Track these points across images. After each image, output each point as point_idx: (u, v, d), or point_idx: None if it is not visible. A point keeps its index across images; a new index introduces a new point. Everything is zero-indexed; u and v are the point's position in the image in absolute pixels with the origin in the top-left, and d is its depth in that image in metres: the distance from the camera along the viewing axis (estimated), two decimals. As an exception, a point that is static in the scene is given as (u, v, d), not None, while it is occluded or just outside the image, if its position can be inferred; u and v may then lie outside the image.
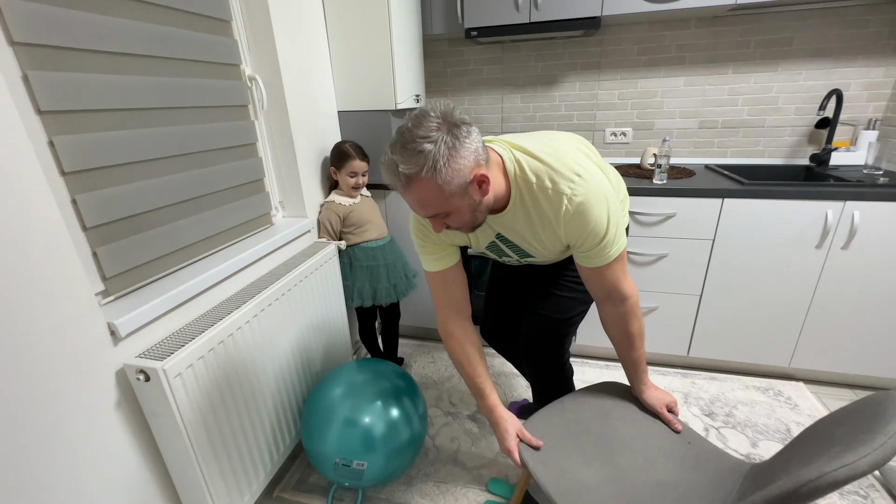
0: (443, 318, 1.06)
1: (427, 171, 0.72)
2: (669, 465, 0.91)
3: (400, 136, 0.74)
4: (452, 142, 0.73)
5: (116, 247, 0.94)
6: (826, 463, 0.53)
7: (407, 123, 0.75)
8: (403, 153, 0.73)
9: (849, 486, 1.29)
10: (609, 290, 0.95)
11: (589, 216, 0.84)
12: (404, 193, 0.78)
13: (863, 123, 1.79)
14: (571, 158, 0.85)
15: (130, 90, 0.95)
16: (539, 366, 1.21)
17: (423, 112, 0.75)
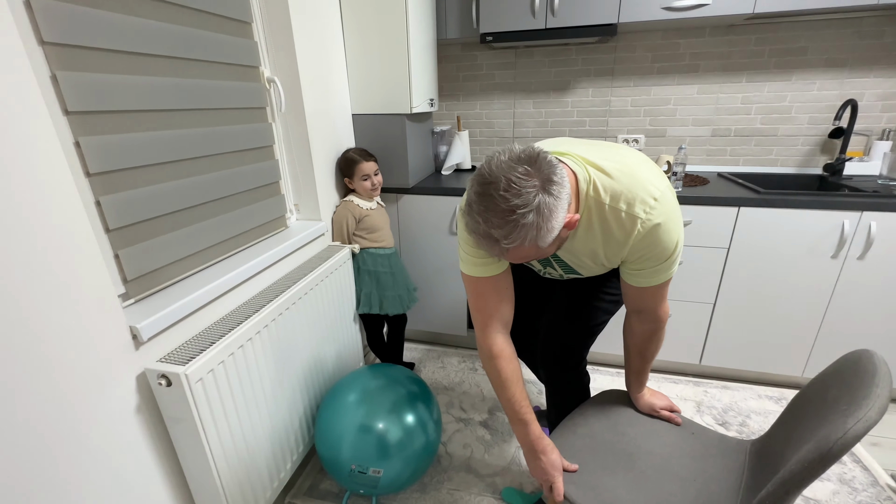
0: (490, 333, 0.94)
1: (530, 240, 0.68)
2: (683, 459, 0.94)
3: (493, 203, 0.67)
4: (551, 203, 0.67)
5: (138, 249, 0.93)
6: (843, 420, 0.56)
7: (499, 185, 0.66)
8: (504, 227, 0.67)
9: (865, 497, 1.28)
10: (646, 308, 0.95)
11: (659, 240, 0.81)
12: (500, 254, 0.74)
13: (876, 134, 1.79)
14: (647, 179, 0.80)
15: (152, 91, 0.94)
16: (560, 371, 1.20)
17: (511, 166, 0.67)
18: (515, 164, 0.67)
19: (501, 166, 0.67)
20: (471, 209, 0.71)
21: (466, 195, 0.73)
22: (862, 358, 0.68)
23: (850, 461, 1.41)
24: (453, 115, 2.21)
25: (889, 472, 1.36)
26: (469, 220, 0.71)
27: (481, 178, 0.69)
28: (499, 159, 0.69)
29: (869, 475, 1.35)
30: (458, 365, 1.97)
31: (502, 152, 0.70)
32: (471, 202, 0.70)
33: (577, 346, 1.16)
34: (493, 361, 0.94)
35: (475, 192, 0.70)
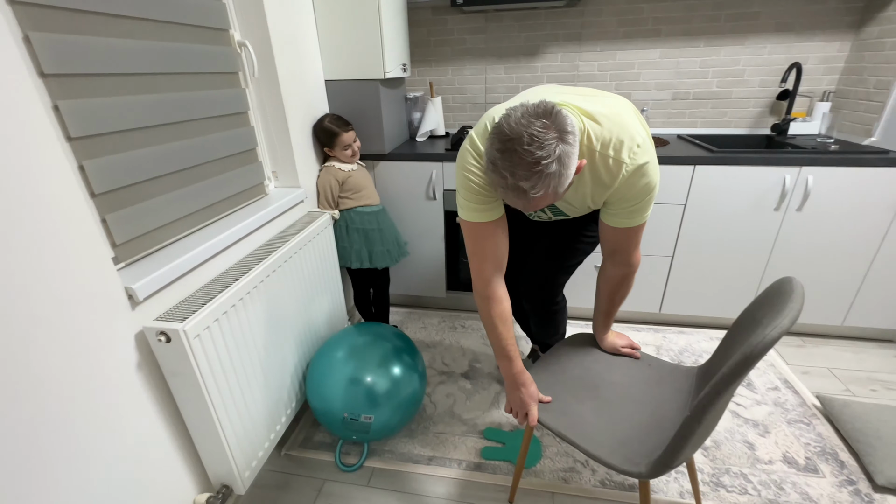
0: (486, 277, 1.00)
1: (553, 187, 0.74)
2: (641, 386, 1.08)
3: (518, 157, 0.71)
4: (569, 151, 0.73)
5: (124, 214, 0.95)
6: (763, 330, 0.69)
7: (522, 140, 0.70)
8: (531, 178, 0.72)
9: (794, 415, 1.48)
10: (621, 252, 1.05)
11: (640, 181, 0.89)
12: (524, 205, 0.78)
13: (818, 95, 1.94)
14: (633, 127, 0.87)
15: (126, 54, 0.94)
16: (541, 302, 1.35)
17: (530, 121, 0.71)
18: (533, 118, 0.71)
19: (520, 122, 0.71)
20: (496, 166, 0.74)
21: (487, 154, 0.77)
22: (784, 284, 0.80)
23: (783, 387, 1.61)
24: (426, 82, 2.22)
25: (815, 393, 1.57)
26: (495, 177, 0.75)
27: (502, 135, 0.72)
28: (515, 116, 0.72)
29: (798, 398, 1.56)
30: (439, 325, 2.07)
31: (514, 110, 0.74)
32: (494, 160, 0.74)
33: (556, 280, 1.31)
34: (487, 302, 1.01)
35: (497, 149, 0.73)
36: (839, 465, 1.30)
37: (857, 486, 1.24)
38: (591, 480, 1.28)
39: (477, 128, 0.94)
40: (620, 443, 0.91)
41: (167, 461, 1.03)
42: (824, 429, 1.43)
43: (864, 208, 1.59)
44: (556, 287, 1.33)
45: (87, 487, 0.83)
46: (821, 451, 1.35)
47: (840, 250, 1.68)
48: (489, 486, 1.28)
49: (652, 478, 0.82)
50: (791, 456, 1.34)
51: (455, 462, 1.36)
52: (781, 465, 1.31)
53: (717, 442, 1.39)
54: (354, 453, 1.42)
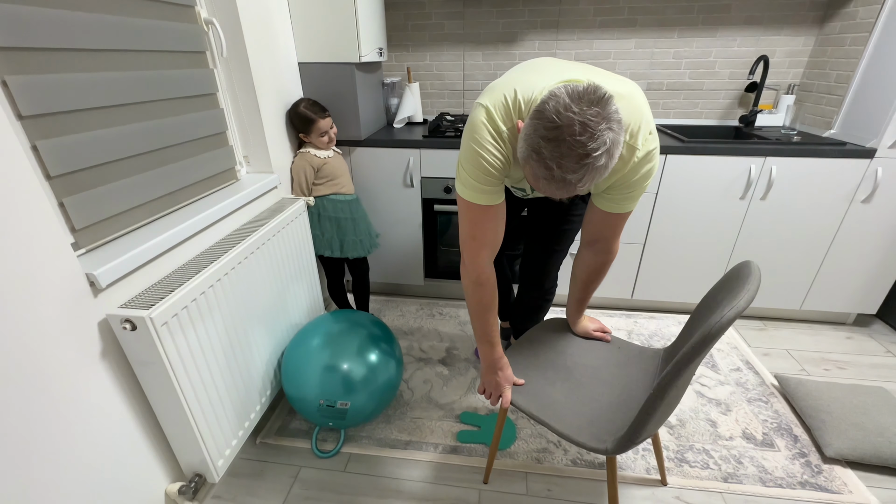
0: (482, 261, 0.96)
1: (598, 178, 0.70)
2: (610, 368, 1.12)
3: (568, 149, 0.65)
4: (617, 140, 0.68)
5: (83, 197, 0.91)
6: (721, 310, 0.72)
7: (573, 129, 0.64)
8: (580, 170, 0.67)
9: (754, 394, 1.56)
10: (603, 239, 1.05)
11: (645, 168, 0.86)
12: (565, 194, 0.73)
13: (783, 88, 2.01)
14: (647, 112, 0.85)
15: (82, 27, 0.89)
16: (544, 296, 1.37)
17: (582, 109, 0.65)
18: (585, 105, 0.65)
19: (571, 109, 0.65)
20: (539, 156, 0.68)
21: (529, 141, 0.70)
22: (742, 268, 0.84)
23: (745, 368, 1.69)
24: (403, 67, 2.18)
25: (773, 374, 1.66)
26: (538, 167, 0.69)
27: (549, 122, 0.66)
28: (563, 101, 0.66)
29: (758, 377, 1.64)
30: (417, 312, 2.08)
31: (560, 93, 0.67)
32: (538, 148, 0.68)
33: (552, 271, 1.33)
34: (478, 288, 0.98)
35: (543, 137, 0.67)
36: (793, 440, 1.38)
37: (809, 458, 1.32)
38: (562, 460, 1.33)
39: (491, 100, 0.84)
40: (589, 421, 0.94)
41: (136, 451, 1.01)
42: (781, 406, 1.52)
43: (823, 198, 1.67)
44: (553, 279, 1.35)
45: (52, 480, 0.81)
46: (777, 426, 1.43)
47: (800, 238, 1.76)
48: (465, 468, 1.31)
49: (617, 453, 0.86)
50: (750, 432, 1.41)
51: (431, 446, 1.38)
52: (741, 440, 1.38)
53: (682, 420, 1.46)
54: (331, 440, 1.42)
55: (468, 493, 1.24)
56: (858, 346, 1.83)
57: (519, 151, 0.74)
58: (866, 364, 1.72)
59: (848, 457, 1.28)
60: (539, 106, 0.69)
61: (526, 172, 0.75)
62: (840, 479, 1.25)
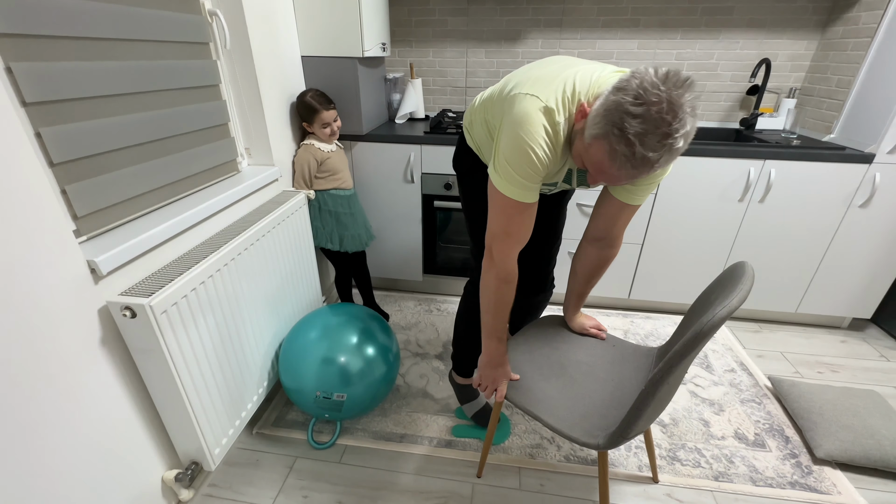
0: (510, 258, 0.94)
1: (671, 161, 0.70)
2: (604, 365, 1.12)
3: (655, 127, 0.64)
4: (695, 126, 0.67)
5: (86, 185, 0.91)
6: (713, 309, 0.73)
7: (662, 107, 0.63)
8: (660, 150, 0.65)
9: (747, 395, 1.58)
10: (611, 234, 1.07)
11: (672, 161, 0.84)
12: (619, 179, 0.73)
13: (785, 92, 2.01)
14: None
15: (87, 16, 0.89)
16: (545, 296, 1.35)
17: (678, 94, 0.64)
18: (672, 87, 0.64)
19: (658, 87, 0.64)
20: (623, 132, 0.66)
21: (610, 117, 0.67)
22: (737, 268, 0.85)
23: (739, 369, 1.71)
24: (406, 63, 2.19)
25: (767, 375, 1.67)
26: (617, 143, 0.67)
27: (637, 97, 0.65)
28: (650, 80, 0.64)
29: (752, 379, 1.66)
30: (415, 308, 2.09)
31: (646, 72, 0.66)
32: (622, 124, 0.66)
33: (553, 268, 1.32)
34: (503, 286, 0.96)
35: (628, 112, 0.65)
36: (784, 441, 1.40)
37: (799, 458, 1.34)
38: (556, 456, 1.34)
39: (544, 91, 0.80)
40: (582, 417, 0.96)
41: (134, 438, 1.02)
42: (773, 407, 1.53)
43: (820, 202, 1.68)
44: (553, 277, 1.34)
45: (50, 465, 0.82)
46: (769, 427, 1.45)
47: (797, 241, 1.77)
48: (458, 462, 1.32)
49: (608, 449, 0.87)
50: (742, 432, 1.43)
51: (426, 440, 1.40)
52: (733, 440, 1.40)
53: (676, 419, 1.47)
54: (327, 431, 1.43)
55: (462, 486, 1.25)
56: (852, 349, 1.84)
57: (592, 129, 0.71)
58: (859, 368, 1.73)
59: (838, 458, 1.29)
60: (621, 83, 0.67)
61: (594, 154, 0.72)
62: (829, 480, 1.27)
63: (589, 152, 0.74)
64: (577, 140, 0.78)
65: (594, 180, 0.80)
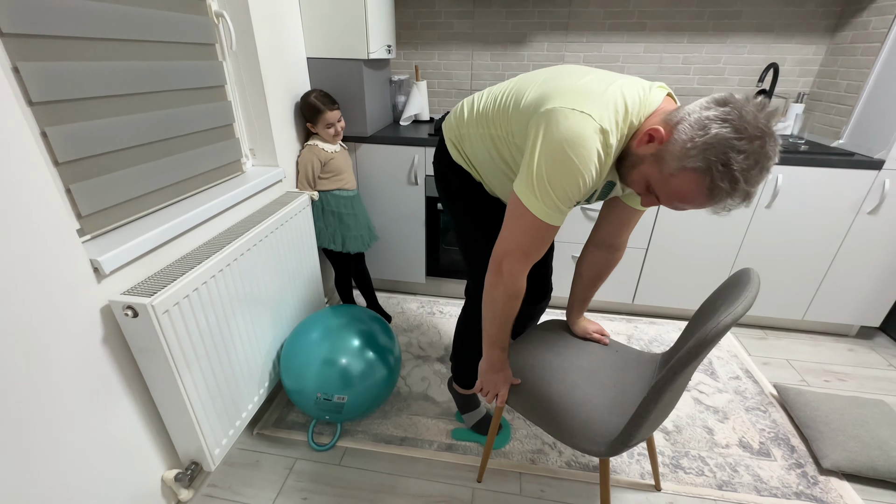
0: (524, 275, 0.91)
1: None
2: (607, 371, 1.11)
3: (762, 161, 0.64)
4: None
5: (90, 184, 0.92)
6: (718, 316, 0.72)
7: (765, 140, 0.63)
8: (759, 182, 0.67)
9: (752, 403, 1.56)
10: (621, 237, 1.07)
11: None
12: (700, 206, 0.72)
13: (793, 97, 1.99)
14: None
15: (95, 17, 0.90)
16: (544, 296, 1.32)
17: (768, 119, 0.64)
18: (771, 117, 0.64)
19: (759, 120, 0.64)
20: (728, 168, 0.64)
21: (712, 152, 0.65)
22: (742, 274, 0.84)
23: (744, 377, 1.69)
24: (411, 65, 2.19)
25: (772, 383, 1.65)
26: (720, 180, 0.65)
27: (748, 133, 0.63)
28: (750, 110, 0.63)
29: (757, 386, 1.64)
30: (418, 310, 2.09)
31: (744, 106, 0.64)
32: (728, 160, 0.64)
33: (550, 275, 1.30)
34: (511, 301, 0.93)
35: (735, 148, 0.63)
36: (790, 450, 1.38)
37: (805, 468, 1.31)
38: (557, 461, 1.33)
39: (597, 111, 0.73)
40: (583, 423, 0.94)
41: (134, 437, 1.03)
42: (779, 416, 1.51)
43: (828, 208, 1.66)
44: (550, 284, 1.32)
45: (50, 463, 0.82)
46: (774, 436, 1.43)
47: (804, 247, 1.75)
48: (459, 466, 1.32)
49: (610, 456, 0.86)
50: (747, 441, 1.41)
51: (427, 443, 1.39)
52: (737, 449, 1.38)
53: (679, 427, 1.45)
54: (327, 433, 1.43)
55: (462, 491, 1.25)
56: (860, 358, 1.81)
57: (686, 162, 0.67)
58: (867, 377, 1.71)
59: (845, 469, 1.27)
60: (719, 112, 0.65)
61: (681, 185, 0.70)
62: (836, 491, 1.25)
63: (671, 182, 0.71)
64: (646, 166, 0.74)
65: (650, 202, 0.78)
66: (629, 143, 0.77)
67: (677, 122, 0.70)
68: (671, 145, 0.70)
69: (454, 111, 1.06)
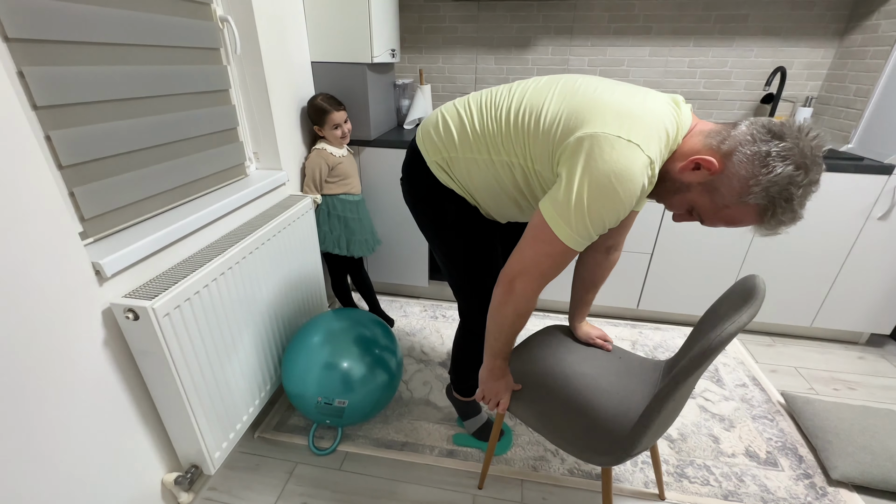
0: (536, 295, 0.87)
1: None
2: (610, 377, 1.09)
3: (812, 190, 0.67)
4: None
5: (94, 188, 0.93)
6: (722, 324, 0.71)
7: (818, 169, 0.66)
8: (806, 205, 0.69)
9: (759, 411, 1.53)
10: (620, 237, 1.08)
11: None
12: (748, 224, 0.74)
13: (801, 101, 1.97)
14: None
15: (99, 22, 0.91)
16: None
17: (818, 145, 0.66)
18: (825, 146, 0.67)
19: (811, 147, 0.65)
20: (790, 203, 0.66)
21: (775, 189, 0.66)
22: (748, 281, 0.82)
23: (751, 384, 1.66)
24: (415, 68, 2.19)
25: (780, 391, 1.62)
26: (783, 214, 0.68)
27: (804, 161, 0.65)
28: (811, 148, 0.65)
29: (765, 394, 1.61)
30: (420, 314, 2.08)
31: (800, 139, 0.65)
32: (791, 197, 0.66)
33: None
34: (519, 319, 0.90)
35: (796, 184, 0.65)
36: (798, 460, 1.35)
37: (813, 479, 1.29)
38: (559, 469, 1.31)
39: (645, 141, 0.71)
40: (585, 431, 0.93)
41: (135, 440, 1.03)
42: (787, 425, 1.48)
43: (838, 213, 1.63)
44: None
45: (50, 465, 0.83)
46: (782, 445, 1.40)
47: (812, 253, 1.72)
48: (460, 473, 1.30)
49: (612, 465, 0.84)
50: (753, 450, 1.38)
51: (428, 448, 1.38)
52: (743, 458, 1.35)
53: (684, 435, 1.43)
54: (328, 437, 1.42)
55: (462, 497, 1.23)
56: (870, 366, 1.78)
57: (747, 198, 0.68)
58: (878, 385, 1.67)
59: (855, 480, 1.24)
60: (784, 150, 0.65)
61: (739, 215, 0.71)
62: (845, 503, 1.22)
63: (724, 212, 0.71)
64: (693, 194, 0.74)
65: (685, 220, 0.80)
66: (668, 166, 0.76)
67: (729, 151, 0.68)
68: (727, 179, 0.69)
69: (433, 128, 0.96)
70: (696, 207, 0.75)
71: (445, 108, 0.97)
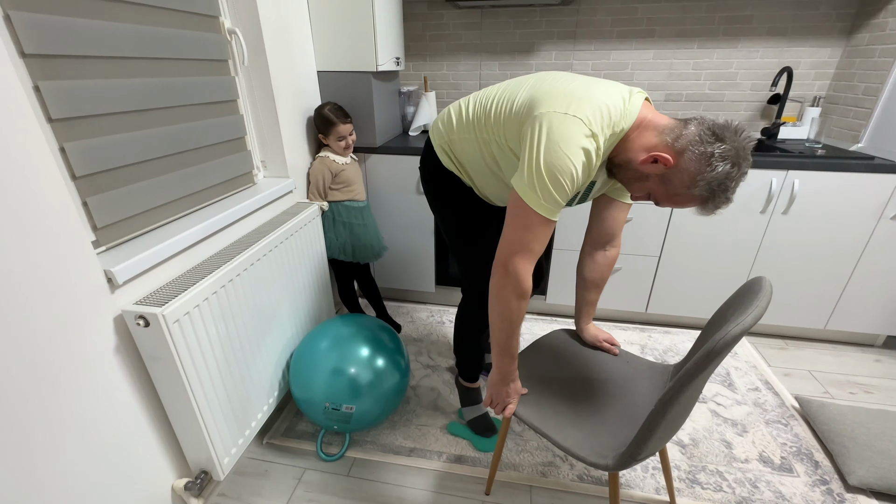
0: (530, 272, 0.92)
1: None
2: (617, 382, 1.09)
3: (742, 179, 0.79)
4: None
5: (106, 197, 0.95)
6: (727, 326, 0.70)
7: (749, 161, 0.78)
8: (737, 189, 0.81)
9: (773, 416, 1.50)
10: (615, 231, 1.12)
11: None
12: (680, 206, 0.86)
13: (808, 101, 1.95)
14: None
15: (112, 37, 0.94)
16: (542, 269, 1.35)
17: (744, 137, 0.78)
18: (745, 135, 0.78)
19: (741, 137, 0.77)
20: (725, 191, 0.78)
21: (716, 180, 0.77)
22: (754, 283, 0.81)
23: (764, 388, 1.63)
24: (420, 76, 2.22)
25: (794, 395, 1.59)
26: (720, 200, 0.80)
27: (738, 153, 0.77)
28: (745, 148, 0.77)
29: (778, 399, 1.58)
30: (427, 319, 2.08)
31: (737, 141, 0.77)
32: (727, 187, 0.78)
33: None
34: (520, 302, 0.93)
35: (731, 176, 0.77)
36: (813, 465, 1.32)
37: (830, 485, 1.26)
38: (569, 475, 1.30)
39: (587, 115, 0.82)
40: (591, 436, 0.92)
41: (145, 445, 1.04)
42: (801, 429, 1.45)
43: (849, 213, 1.61)
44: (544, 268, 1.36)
45: (61, 470, 0.84)
46: (797, 451, 1.37)
47: (824, 254, 1.69)
48: (467, 479, 1.30)
49: (618, 470, 0.84)
50: (767, 455, 1.35)
51: (435, 454, 1.37)
52: (757, 463, 1.33)
53: (696, 440, 1.41)
54: (336, 443, 1.42)
55: (470, 503, 1.23)
56: (888, 369, 1.74)
57: (693, 189, 0.80)
58: (895, 389, 1.63)
59: (873, 486, 1.21)
60: (725, 151, 0.76)
61: (685, 201, 0.83)
62: (864, 510, 1.19)
63: (675, 198, 0.85)
64: (651, 183, 0.86)
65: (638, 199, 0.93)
66: (630, 157, 0.86)
67: (682, 149, 0.80)
68: (679, 173, 0.81)
69: (440, 119, 1.14)
70: (652, 193, 0.88)
71: (452, 104, 1.14)
